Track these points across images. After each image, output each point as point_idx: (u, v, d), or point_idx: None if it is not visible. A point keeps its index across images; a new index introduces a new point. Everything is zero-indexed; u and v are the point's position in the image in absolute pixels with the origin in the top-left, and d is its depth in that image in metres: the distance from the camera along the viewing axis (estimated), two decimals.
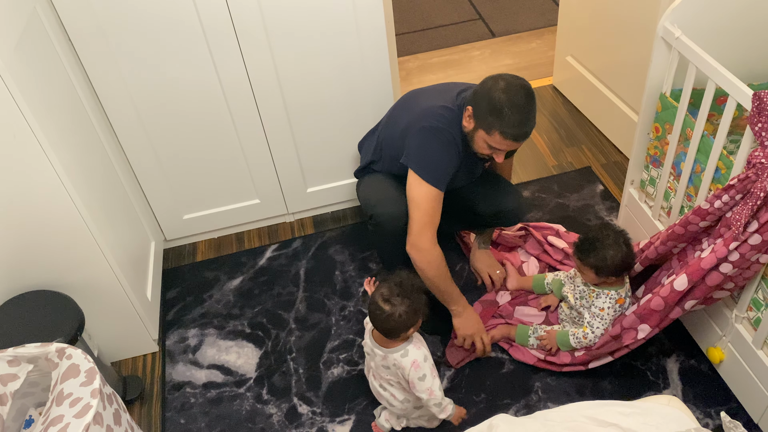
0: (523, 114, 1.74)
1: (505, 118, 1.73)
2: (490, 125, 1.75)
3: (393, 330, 1.60)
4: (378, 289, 1.63)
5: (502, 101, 1.72)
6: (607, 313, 1.88)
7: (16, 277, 1.83)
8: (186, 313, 2.33)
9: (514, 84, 1.75)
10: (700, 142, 1.82)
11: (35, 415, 1.59)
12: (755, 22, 1.91)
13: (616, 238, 1.83)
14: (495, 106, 1.73)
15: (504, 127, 1.74)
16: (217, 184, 2.46)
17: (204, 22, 2.02)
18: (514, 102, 1.72)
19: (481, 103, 1.77)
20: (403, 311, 1.58)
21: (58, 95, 1.81)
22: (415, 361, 1.64)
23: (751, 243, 1.54)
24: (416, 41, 3.77)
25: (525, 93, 1.75)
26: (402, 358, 1.65)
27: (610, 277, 1.85)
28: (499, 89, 1.74)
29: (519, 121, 1.73)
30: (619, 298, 1.88)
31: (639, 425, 1.32)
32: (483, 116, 1.77)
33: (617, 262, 1.81)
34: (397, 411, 1.83)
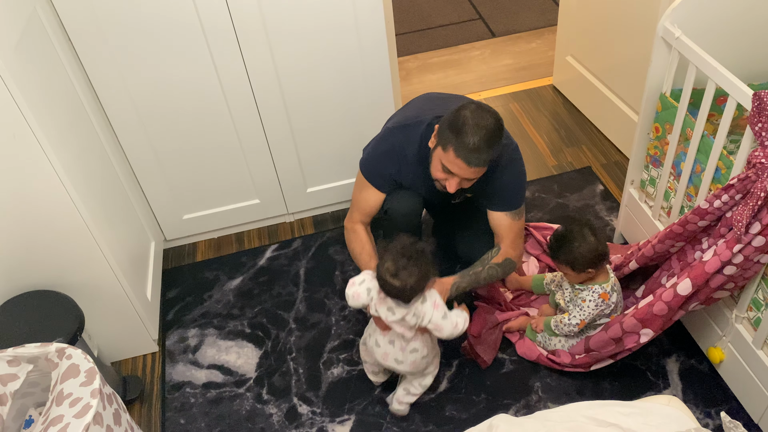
0: (482, 138, 1.67)
1: (462, 136, 1.67)
2: (447, 140, 1.71)
3: (408, 297, 1.67)
4: (383, 264, 1.67)
5: (466, 119, 1.68)
6: (587, 305, 1.89)
7: (16, 277, 1.83)
8: (186, 313, 2.33)
9: (484, 109, 1.72)
10: (700, 142, 1.82)
11: (35, 415, 1.59)
12: (755, 22, 1.90)
13: (581, 229, 1.84)
14: (457, 123, 1.69)
15: (459, 143, 1.68)
16: (216, 184, 2.46)
17: (204, 23, 2.03)
18: (477, 123, 1.68)
19: (447, 120, 1.73)
20: (413, 282, 1.63)
21: (58, 95, 1.81)
22: (435, 302, 1.70)
23: (755, 245, 1.54)
24: (416, 41, 3.77)
25: (492, 120, 1.70)
26: (422, 305, 1.70)
27: (588, 270, 1.85)
28: (468, 109, 1.71)
29: (475, 143, 1.67)
30: (602, 292, 1.88)
31: (639, 425, 1.32)
32: (443, 132, 1.73)
33: (585, 252, 1.82)
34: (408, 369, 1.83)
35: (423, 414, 1.95)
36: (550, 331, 1.98)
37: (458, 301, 1.90)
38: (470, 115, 1.69)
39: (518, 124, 3.05)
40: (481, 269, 1.97)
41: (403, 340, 1.77)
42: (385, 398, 1.99)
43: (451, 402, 1.97)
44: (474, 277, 1.96)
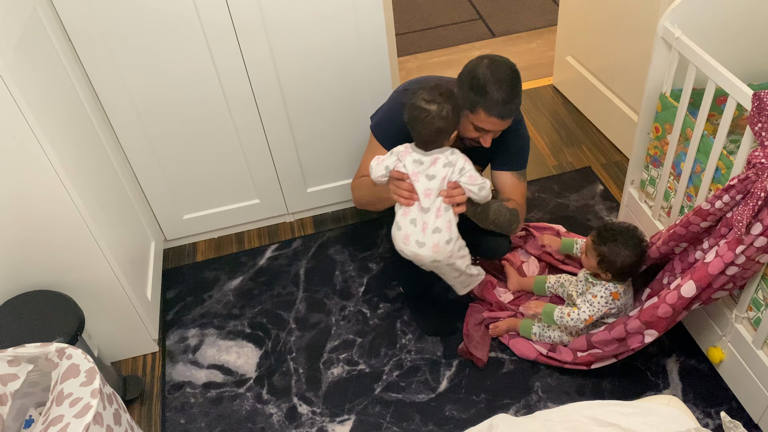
0: (507, 90, 1.70)
1: (488, 94, 1.69)
2: (474, 103, 1.72)
3: (439, 132, 1.67)
4: (417, 95, 1.69)
5: (486, 77, 1.69)
6: (597, 301, 1.89)
7: (16, 277, 1.83)
8: (186, 313, 2.33)
9: (497, 61, 1.73)
10: (700, 142, 1.82)
11: (35, 415, 1.59)
12: (755, 22, 1.91)
13: (638, 244, 1.84)
14: (478, 83, 1.70)
15: (488, 103, 1.70)
16: (217, 184, 2.46)
17: (204, 23, 2.03)
18: (497, 78, 1.69)
19: (465, 82, 1.74)
20: (449, 109, 1.66)
21: (58, 95, 1.81)
22: (466, 158, 1.72)
23: (757, 245, 1.54)
24: (416, 41, 3.77)
25: (509, 70, 1.72)
26: (453, 155, 1.71)
27: (608, 273, 1.86)
28: (483, 66, 1.71)
29: (503, 97, 1.70)
30: (614, 291, 1.89)
31: (639, 425, 1.32)
32: (467, 95, 1.73)
33: (625, 264, 1.83)
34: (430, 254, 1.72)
35: (423, 414, 1.95)
36: (550, 319, 1.94)
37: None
38: (488, 72, 1.70)
39: None
40: (493, 201, 1.87)
41: (424, 213, 1.70)
42: (385, 398, 1.99)
43: (451, 402, 1.97)
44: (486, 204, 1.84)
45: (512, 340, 2.08)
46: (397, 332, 2.19)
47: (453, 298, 2.27)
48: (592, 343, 1.91)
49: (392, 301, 2.29)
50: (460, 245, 1.80)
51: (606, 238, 1.85)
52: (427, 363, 2.08)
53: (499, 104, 1.70)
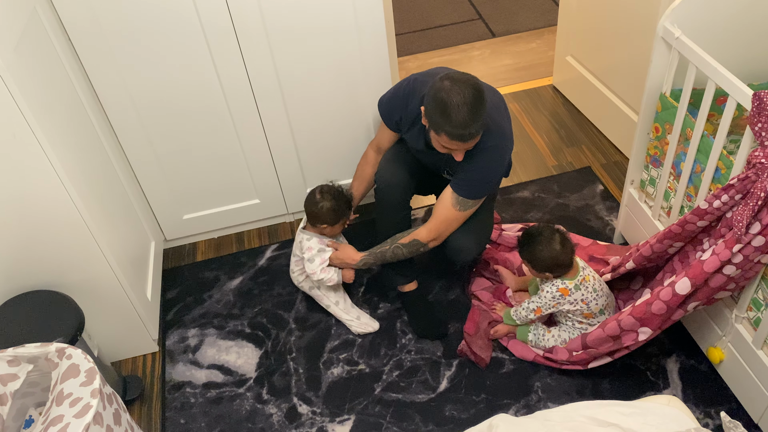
0: (466, 114, 1.69)
1: (449, 118, 1.69)
2: (437, 126, 1.73)
3: (316, 217, 2.13)
4: (320, 186, 2.15)
5: (445, 101, 1.69)
6: (544, 295, 1.94)
7: (16, 277, 1.83)
8: (186, 313, 2.33)
9: (458, 82, 1.71)
10: (700, 142, 1.81)
11: (35, 415, 1.59)
12: (755, 22, 1.91)
13: (550, 236, 1.89)
14: (439, 107, 1.71)
15: (448, 127, 1.71)
16: (217, 184, 2.46)
17: (204, 22, 2.03)
18: (457, 102, 1.68)
19: (429, 104, 1.75)
20: (325, 206, 2.10)
21: (58, 95, 1.81)
22: (310, 247, 2.15)
23: (755, 245, 1.54)
24: (416, 41, 3.77)
25: (470, 91, 1.70)
26: (307, 241, 2.17)
27: (544, 272, 1.91)
28: (443, 90, 1.70)
29: (462, 121, 1.69)
30: (562, 287, 1.91)
31: (639, 425, 1.32)
32: (430, 116, 1.75)
33: (546, 257, 1.88)
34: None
35: (423, 414, 1.95)
36: (510, 319, 2.05)
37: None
38: (447, 96, 1.69)
39: (518, 124, 3.05)
40: (387, 248, 2.08)
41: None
42: (385, 398, 1.99)
43: (451, 402, 1.97)
44: (380, 255, 2.10)
45: (511, 341, 2.08)
46: (397, 332, 2.19)
47: (451, 299, 2.27)
48: (587, 343, 1.91)
49: (392, 301, 2.29)
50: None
51: (523, 244, 1.94)
52: (427, 363, 2.08)
53: (459, 128, 1.70)
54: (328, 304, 2.24)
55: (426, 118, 1.80)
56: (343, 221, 2.18)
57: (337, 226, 2.17)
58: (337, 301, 2.23)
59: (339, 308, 2.23)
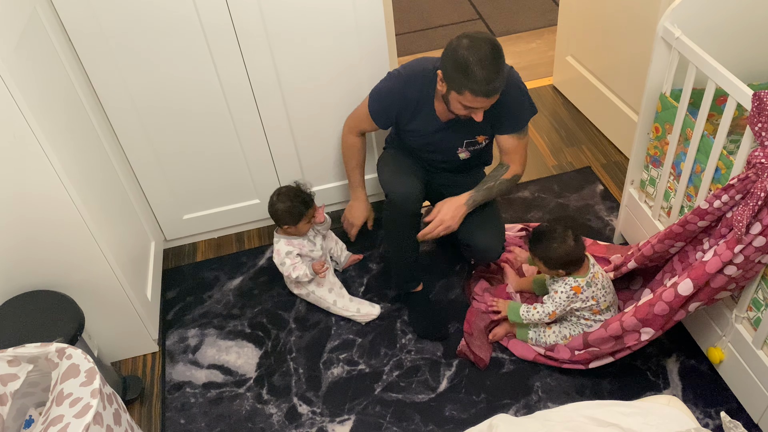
0: (490, 68, 1.72)
1: (472, 75, 1.72)
2: (460, 85, 1.75)
3: (276, 218, 2.18)
4: (278, 188, 2.20)
5: (467, 59, 1.71)
6: (559, 296, 1.92)
7: (16, 277, 1.83)
8: (186, 313, 2.33)
9: (477, 39, 1.73)
10: (700, 142, 1.81)
11: (35, 415, 1.59)
12: (755, 22, 1.91)
13: (563, 232, 1.87)
14: (461, 65, 1.72)
15: (473, 84, 1.73)
16: (217, 184, 2.46)
17: (204, 22, 2.03)
18: (479, 57, 1.71)
19: (448, 64, 1.77)
20: (280, 208, 2.14)
21: (58, 95, 1.81)
22: (278, 250, 2.20)
23: (756, 245, 1.54)
24: (416, 41, 3.77)
25: (490, 47, 1.73)
26: (275, 244, 2.22)
27: (557, 269, 1.90)
28: (463, 47, 1.73)
29: (487, 76, 1.72)
30: (575, 285, 1.90)
31: (639, 425, 1.32)
32: (451, 77, 1.77)
33: (560, 254, 1.86)
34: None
35: (423, 414, 1.95)
36: (516, 315, 2.01)
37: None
38: (469, 53, 1.71)
39: None
40: (492, 184, 2.08)
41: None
42: (385, 398, 1.99)
43: (451, 402, 1.97)
44: (487, 192, 2.08)
45: (511, 341, 2.08)
46: (397, 332, 2.19)
47: (451, 299, 2.27)
48: (589, 342, 1.91)
49: (392, 301, 2.29)
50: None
51: (535, 241, 1.92)
52: (427, 363, 2.08)
53: (483, 84, 1.73)
54: (328, 306, 2.25)
55: (445, 81, 1.81)
56: (308, 220, 2.18)
57: (302, 225, 2.17)
58: (335, 300, 2.24)
59: (338, 307, 2.24)
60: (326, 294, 2.25)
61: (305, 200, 2.16)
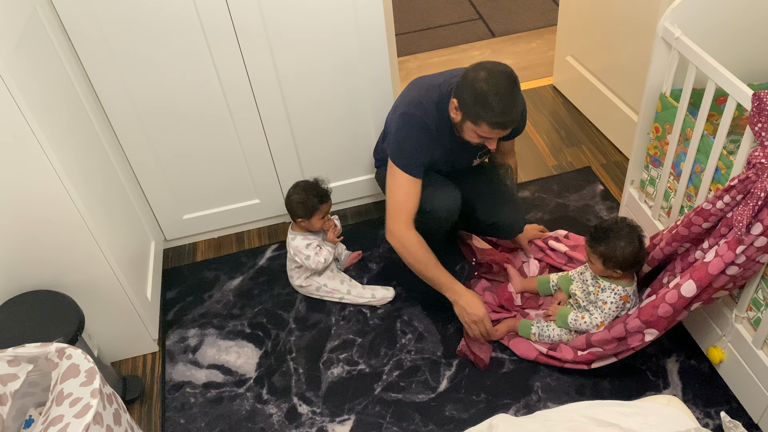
0: (507, 101, 1.73)
1: (489, 107, 1.73)
2: (477, 116, 1.77)
3: (290, 210, 2.19)
4: (300, 180, 2.22)
5: (485, 91, 1.73)
6: (609, 307, 1.90)
7: (16, 277, 1.83)
8: (186, 313, 2.33)
9: (495, 72, 1.75)
10: (700, 142, 1.82)
11: (35, 415, 1.59)
12: (755, 22, 1.91)
13: (631, 232, 1.85)
14: (478, 97, 1.74)
15: (490, 116, 1.75)
16: (217, 184, 2.46)
17: (204, 23, 2.02)
18: (497, 90, 1.72)
19: (465, 95, 1.77)
20: (294, 199, 2.15)
21: (58, 95, 1.81)
22: (297, 247, 2.20)
23: (757, 245, 1.54)
24: (416, 41, 3.77)
25: (507, 79, 1.74)
26: (291, 240, 2.23)
27: (617, 270, 1.87)
28: (480, 80, 1.74)
29: (504, 109, 1.74)
30: (624, 294, 1.89)
31: (639, 425, 1.32)
32: (468, 107, 1.78)
33: (627, 254, 1.83)
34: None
35: (423, 414, 1.95)
36: (564, 322, 1.97)
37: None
38: (487, 86, 1.73)
39: None
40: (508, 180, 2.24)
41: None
42: (385, 398, 1.99)
43: (451, 402, 1.97)
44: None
45: (512, 340, 2.08)
46: (397, 332, 2.19)
47: None
48: (592, 342, 1.91)
49: (392, 301, 2.29)
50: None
51: (600, 239, 1.87)
52: (427, 363, 2.08)
53: (501, 116, 1.75)
54: (341, 296, 2.28)
55: (460, 110, 1.82)
56: (321, 217, 2.18)
57: (315, 221, 2.18)
58: (349, 290, 2.27)
59: (353, 295, 2.27)
60: (339, 285, 2.27)
61: (321, 195, 2.17)
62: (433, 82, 1.97)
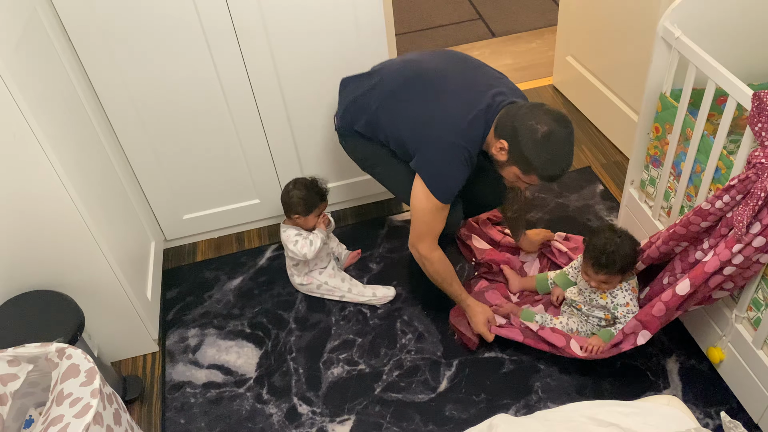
0: (565, 161, 1.70)
1: (547, 165, 1.69)
2: (529, 168, 1.71)
3: (288, 206, 2.19)
4: (299, 177, 2.22)
5: (545, 150, 1.67)
6: (633, 305, 1.91)
7: (16, 277, 1.83)
8: (186, 313, 2.33)
9: (557, 130, 1.66)
10: (700, 142, 1.82)
11: (35, 415, 1.59)
12: (755, 22, 1.91)
13: (620, 235, 1.87)
14: (537, 154, 1.67)
15: (544, 172, 1.71)
16: (217, 184, 2.46)
17: (204, 22, 2.02)
18: (556, 150, 1.67)
19: (521, 144, 1.69)
20: (295, 195, 2.16)
21: (58, 95, 1.81)
22: (288, 236, 2.21)
23: (755, 245, 1.54)
24: (416, 41, 3.77)
25: (567, 136, 1.68)
26: (283, 233, 2.23)
27: (624, 274, 1.89)
28: (542, 135, 1.66)
29: (561, 167, 1.71)
30: (632, 287, 1.91)
31: (639, 425, 1.32)
32: (521, 158, 1.71)
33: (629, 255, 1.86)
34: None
35: (423, 414, 1.95)
36: (608, 338, 1.91)
37: None
38: (548, 146, 1.66)
39: None
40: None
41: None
42: (385, 398, 1.99)
43: (451, 402, 1.97)
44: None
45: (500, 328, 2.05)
46: (397, 332, 2.19)
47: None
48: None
49: (392, 301, 2.29)
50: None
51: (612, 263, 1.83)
52: (427, 363, 2.08)
53: (556, 173, 1.72)
54: (342, 294, 2.28)
55: (509, 155, 1.73)
56: (317, 214, 2.20)
57: (311, 218, 2.19)
58: (350, 288, 2.28)
59: (354, 293, 2.28)
60: (340, 283, 2.27)
61: (320, 193, 2.19)
62: (479, 102, 1.79)
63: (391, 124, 1.91)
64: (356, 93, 2.01)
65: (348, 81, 2.09)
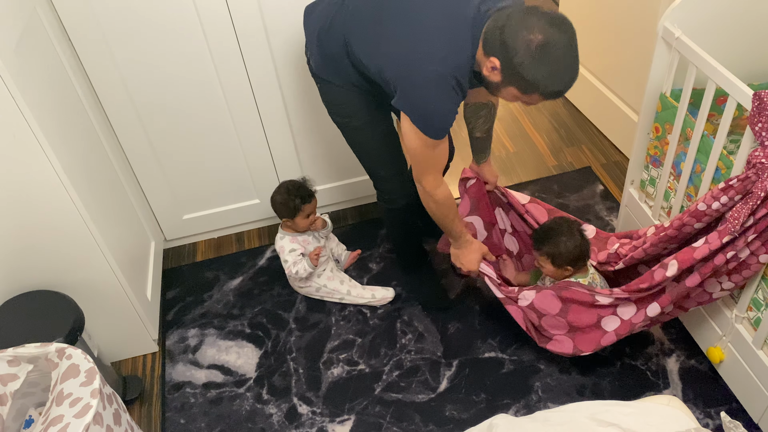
0: (568, 72, 1.45)
1: (548, 81, 1.44)
2: (529, 86, 1.46)
3: (275, 209, 2.19)
4: (287, 180, 2.20)
5: (544, 63, 1.41)
6: None
7: (16, 277, 1.83)
8: (186, 313, 2.33)
9: (554, 38, 1.40)
10: (700, 142, 1.82)
11: (35, 415, 1.59)
12: (755, 22, 1.91)
13: (570, 227, 1.88)
14: (534, 70, 1.42)
15: (546, 89, 1.46)
16: (217, 184, 2.46)
17: (204, 22, 2.03)
18: (558, 62, 1.42)
19: (513, 62, 1.44)
20: (277, 199, 2.16)
21: (58, 95, 1.81)
22: (282, 248, 2.21)
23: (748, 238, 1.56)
24: None
25: (568, 42, 1.42)
26: (279, 240, 2.24)
27: (567, 267, 1.88)
28: (537, 47, 1.40)
29: (565, 81, 1.46)
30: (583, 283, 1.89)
31: (639, 425, 1.32)
32: (517, 77, 1.46)
33: (570, 249, 1.85)
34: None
35: (423, 414, 1.95)
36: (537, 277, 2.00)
37: None
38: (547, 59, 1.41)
39: (518, 124, 3.05)
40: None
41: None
42: (385, 398, 1.99)
43: (451, 402, 1.97)
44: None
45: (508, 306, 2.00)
46: (397, 332, 2.19)
47: (451, 300, 2.27)
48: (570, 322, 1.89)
49: (392, 301, 2.29)
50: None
51: (542, 239, 1.90)
52: (427, 363, 2.08)
53: (560, 87, 1.48)
54: (341, 296, 2.28)
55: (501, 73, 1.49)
56: (305, 216, 2.16)
57: (300, 221, 2.16)
58: (349, 291, 2.28)
59: (353, 295, 2.27)
60: (339, 286, 2.27)
61: (303, 195, 2.15)
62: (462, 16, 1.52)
63: (364, 54, 1.66)
64: (321, 24, 1.75)
65: (312, 8, 1.82)
